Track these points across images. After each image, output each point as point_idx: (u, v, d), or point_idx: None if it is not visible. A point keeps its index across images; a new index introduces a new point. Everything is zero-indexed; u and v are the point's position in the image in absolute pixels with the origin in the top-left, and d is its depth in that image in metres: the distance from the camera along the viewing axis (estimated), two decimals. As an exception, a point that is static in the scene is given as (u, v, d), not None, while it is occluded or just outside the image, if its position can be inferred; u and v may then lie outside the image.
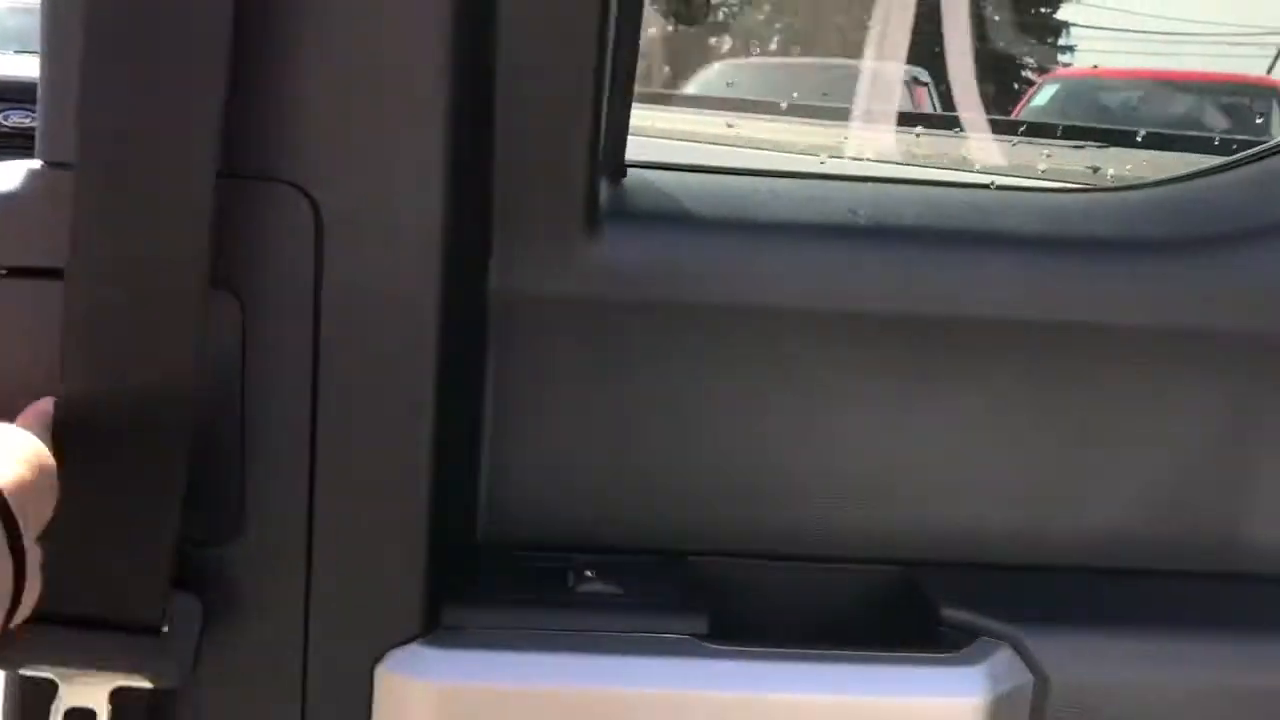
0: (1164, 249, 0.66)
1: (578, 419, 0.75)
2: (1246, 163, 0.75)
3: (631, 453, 0.76)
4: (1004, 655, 0.65)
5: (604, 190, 0.75)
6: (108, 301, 0.53)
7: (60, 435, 0.57)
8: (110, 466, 0.55)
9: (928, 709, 0.63)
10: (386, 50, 0.59)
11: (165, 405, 0.55)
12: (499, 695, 0.63)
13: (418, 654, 0.63)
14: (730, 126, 1.30)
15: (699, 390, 0.73)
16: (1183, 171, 0.76)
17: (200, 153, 0.55)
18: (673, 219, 0.71)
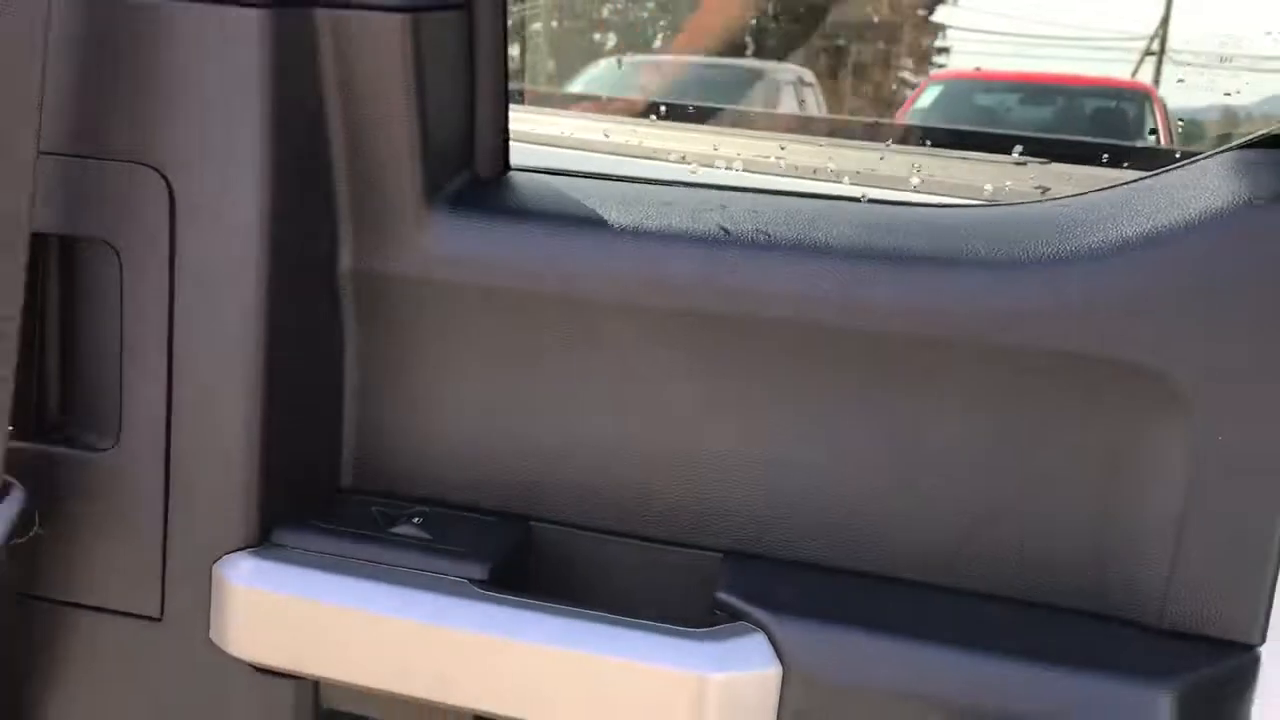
0: (984, 265, 0.68)
1: (432, 387, 0.79)
2: (1115, 187, 0.77)
3: (479, 422, 0.78)
4: (753, 640, 0.68)
5: (472, 186, 0.79)
6: None
7: None
8: None
9: (664, 676, 0.66)
10: (213, 58, 0.70)
11: None
12: (296, 604, 0.72)
13: (240, 561, 0.73)
14: (606, 135, 1.30)
15: (532, 372, 0.76)
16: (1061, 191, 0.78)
17: (21, 131, 0.66)
18: (515, 214, 0.75)
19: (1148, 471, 0.67)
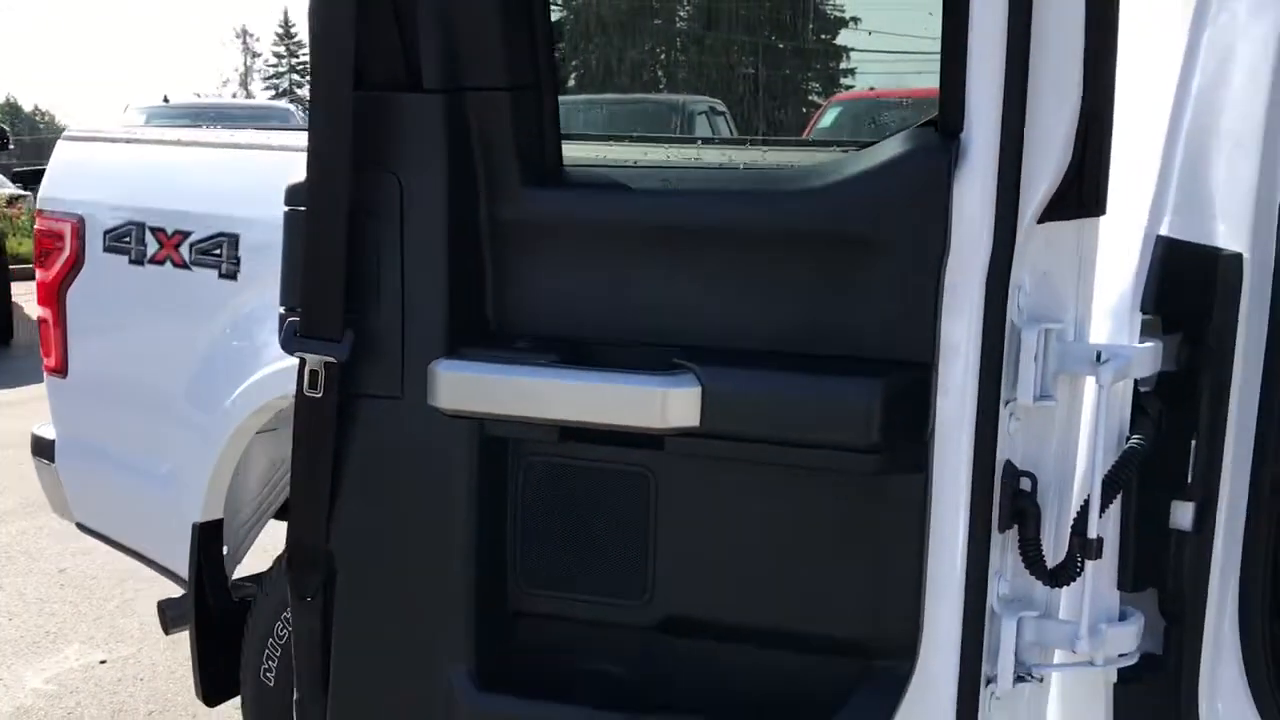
0: (788, 188, 1.50)
1: (540, 278, 1.57)
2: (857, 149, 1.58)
3: (559, 295, 1.57)
4: (687, 375, 1.45)
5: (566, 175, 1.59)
6: None
7: None
8: None
9: (649, 392, 1.48)
10: None
11: None
12: (470, 378, 1.56)
13: (443, 361, 1.54)
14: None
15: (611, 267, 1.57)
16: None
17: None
18: (607, 184, 1.56)
19: (872, 288, 1.45)
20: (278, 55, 52.74)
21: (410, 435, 1.54)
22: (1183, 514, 1.64)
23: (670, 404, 1.44)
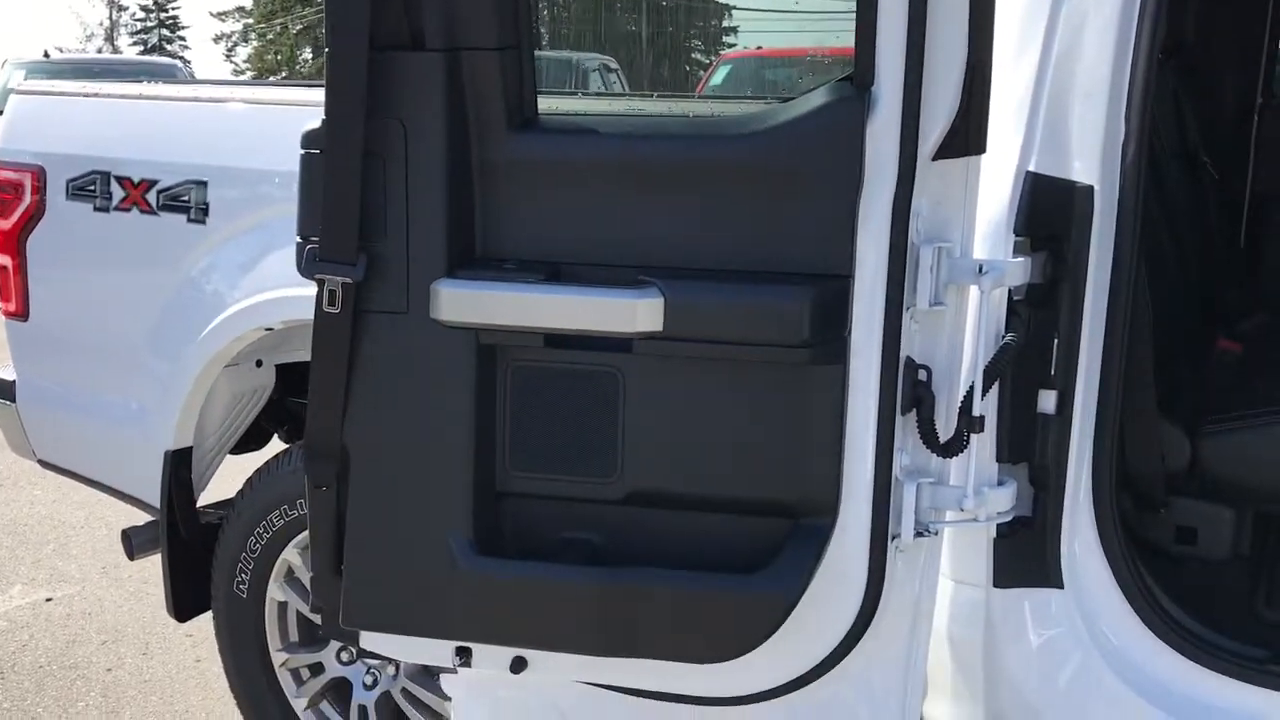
0: (722, 131, 1.82)
1: (516, 207, 1.86)
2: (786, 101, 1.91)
3: (541, 220, 1.86)
4: (652, 289, 1.82)
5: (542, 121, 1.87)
6: None
7: None
8: None
9: (619, 303, 1.80)
10: None
11: None
12: (466, 293, 1.86)
13: (443, 280, 1.82)
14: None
15: (592, 199, 1.86)
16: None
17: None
18: (583, 129, 1.85)
19: (793, 201, 1.77)
20: (145, 10, 50.98)
21: (415, 345, 1.82)
22: (1047, 400, 2.01)
23: (638, 312, 1.75)
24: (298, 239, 1.85)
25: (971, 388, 1.86)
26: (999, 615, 2.06)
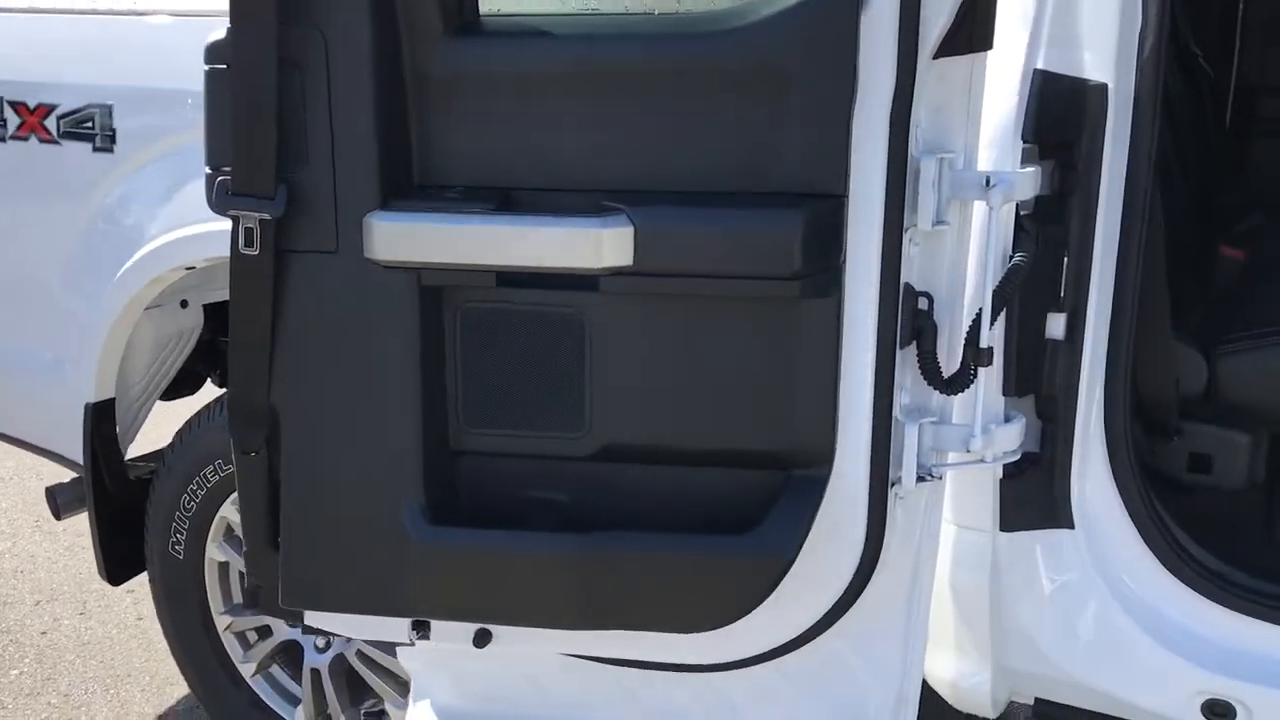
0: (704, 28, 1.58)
1: (460, 125, 1.60)
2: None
3: (487, 139, 1.61)
4: (620, 216, 1.52)
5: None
6: None
7: None
8: None
9: (582, 233, 1.51)
10: None
11: None
12: (406, 227, 1.58)
13: (376, 212, 1.57)
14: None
15: (536, 109, 1.61)
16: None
17: None
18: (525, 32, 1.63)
19: (783, 111, 1.54)
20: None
21: (348, 288, 1.59)
22: (1056, 324, 1.82)
23: (604, 244, 1.52)
24: (206, 169, 1.61)
25: (977, 316, 1.66)
26: (1006, 561, 1.89)
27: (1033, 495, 1.87)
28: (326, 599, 1.71)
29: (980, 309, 1.66)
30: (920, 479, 1.72)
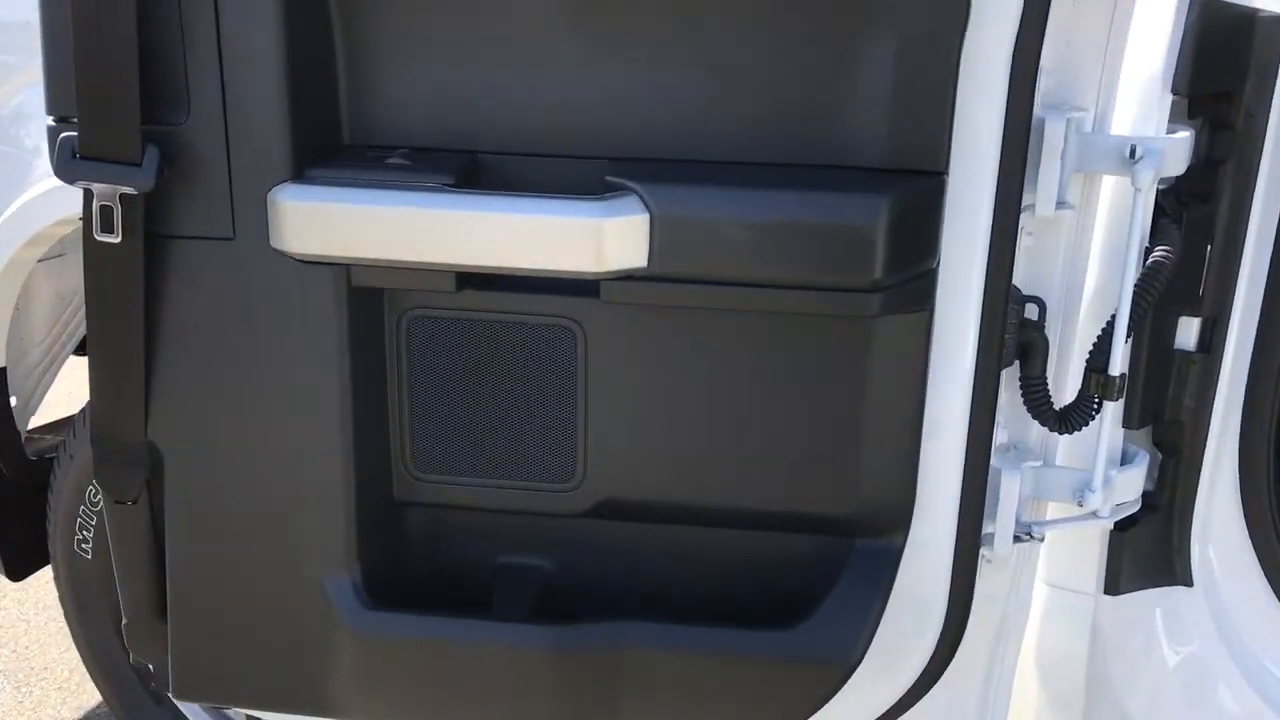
0: None
1: (408, 62, 1.14)
2: None
3: (436, 85, 1.15)
4: (628, 198, 1.10)
5: None
6: None
7: None
8: None
9: (577, 224, 1.08)
10: None
11: None
12: (330, 209, 1.10)
13: (287, 187, 1.10)
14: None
15: (473, 41, 1.13)
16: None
17: None
18: None
19: (867, 64, 1.10)
20: None
21: (249, 289, 1.15)
22: (1188, 332, 1.40)
23: (609, 238, 1.09)
24: (49, 121, 1.15)
25: (1104, 332, 1.23)
26: (1109, 625, 1.49)
27: (1145, 547, 1.46)
28: (228, 692, 1.29)
29: (1109, 322, 1.23)
30: (1017, 539, 1.31)
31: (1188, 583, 1.48)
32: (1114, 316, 1.24)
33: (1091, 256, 1.28)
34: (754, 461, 1.20)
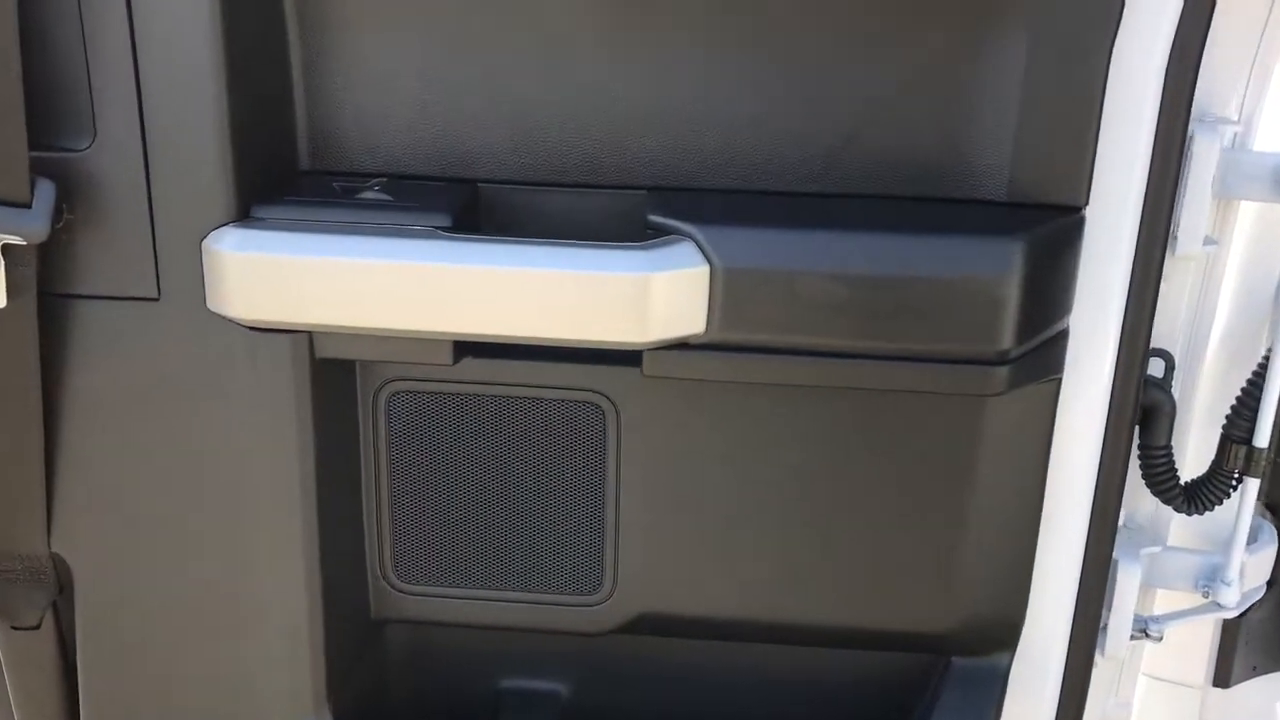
0: None
1: (384, 64, 0.87)
2: None
3: (419, 99, 0.89)
4: (684, 246, 0.86)
5: None
6: None
7: None
8: None
9: (615, 281, 0.83)
10: None
11: None
12: (285, 263, 0.84)
13: (228, 233, 0.84)
14: None
15: (461, 47, 0.87)
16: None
17: None
18: None
19: (989, 70, 0.86)
20: None
21: (180, 364, 0.88)
22: None
23: (657, 299, 0.83)
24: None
25: (1250, 390, 1.00)
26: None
27: (1259, 632, 1.24)
28: None
29: (1251, 380, 1.00)
30: (1134, 638, 1.08)
31: None
32: (1257, 374, 1.01)
33: (1221, 300, 1.05)
34: (832, 570, 0.95)
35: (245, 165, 0.84)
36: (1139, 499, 1.10)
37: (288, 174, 0.89)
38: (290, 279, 0.84)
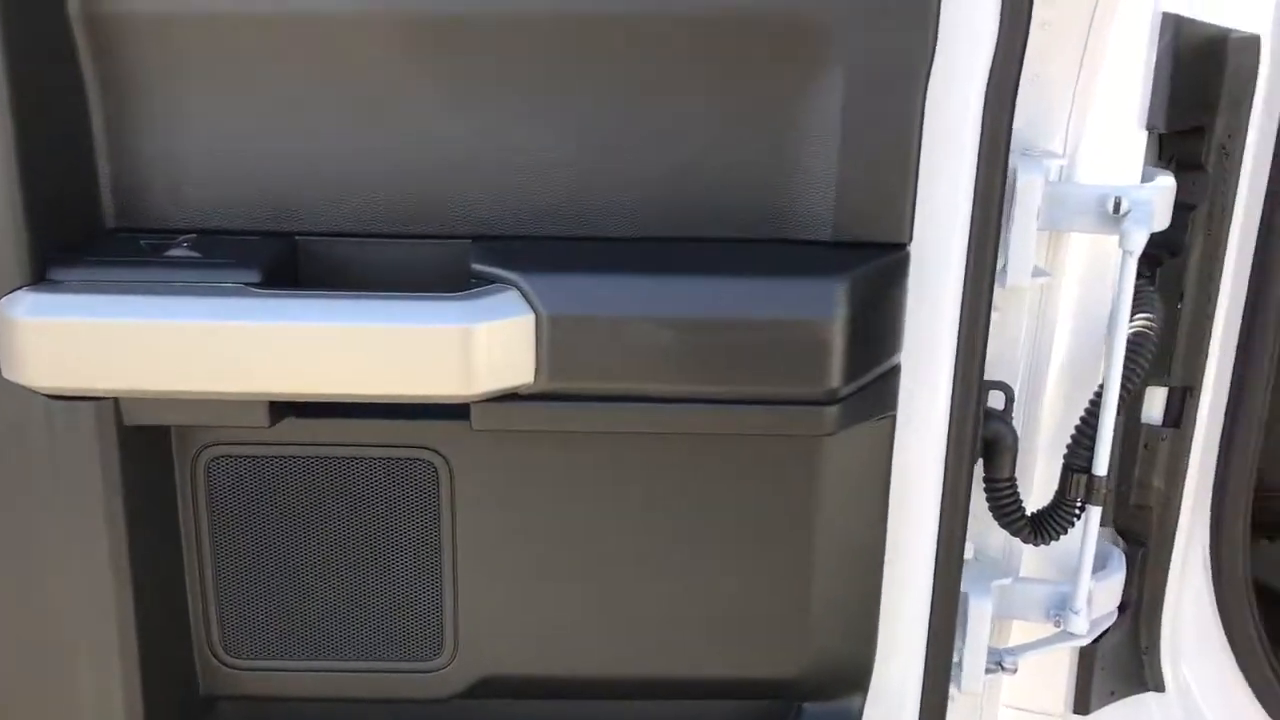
0: None
1: (198, 120, 0.83)
2: None
3: (230, 150, 0.85)
4: (507, 295, 0.83)
5: None
6: None
7: None
8: None
9: (434, 334, 0.81)
10: None
11: None
12: (86, 328, 0.79)
13: (22, 297, 0.80)
14: None
15: (272, 95, 0.84)
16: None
17: None
18: None
19: (807, 110, 0.86)
20: None
21: None
22: (1155, 404, 1.19)
23: (480, 350, 0.80)
24: None
25: (1087, 419, 1.01)
26: (1076, 753, 1.28)
27: (1112, 656, 1.25)
28: None
29: (1087, 410, 1.01)
30: (989, 671, 1.08)
31: (1159, 688, 1.28)
32: (1094, 403, 1.02)
33: (1059, 331, 1.06)
34: (678, 620, 0.93)
35: (40, 225, 0.80)
36: (990, 531, 1.10)
37: (92, 233, 0.85)
38: (89, 344, 0.79)
